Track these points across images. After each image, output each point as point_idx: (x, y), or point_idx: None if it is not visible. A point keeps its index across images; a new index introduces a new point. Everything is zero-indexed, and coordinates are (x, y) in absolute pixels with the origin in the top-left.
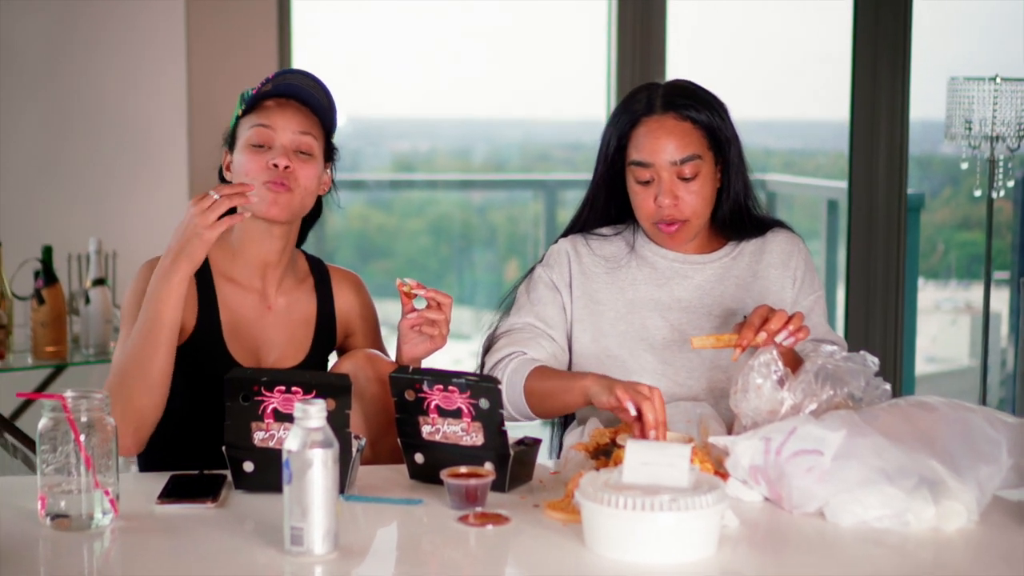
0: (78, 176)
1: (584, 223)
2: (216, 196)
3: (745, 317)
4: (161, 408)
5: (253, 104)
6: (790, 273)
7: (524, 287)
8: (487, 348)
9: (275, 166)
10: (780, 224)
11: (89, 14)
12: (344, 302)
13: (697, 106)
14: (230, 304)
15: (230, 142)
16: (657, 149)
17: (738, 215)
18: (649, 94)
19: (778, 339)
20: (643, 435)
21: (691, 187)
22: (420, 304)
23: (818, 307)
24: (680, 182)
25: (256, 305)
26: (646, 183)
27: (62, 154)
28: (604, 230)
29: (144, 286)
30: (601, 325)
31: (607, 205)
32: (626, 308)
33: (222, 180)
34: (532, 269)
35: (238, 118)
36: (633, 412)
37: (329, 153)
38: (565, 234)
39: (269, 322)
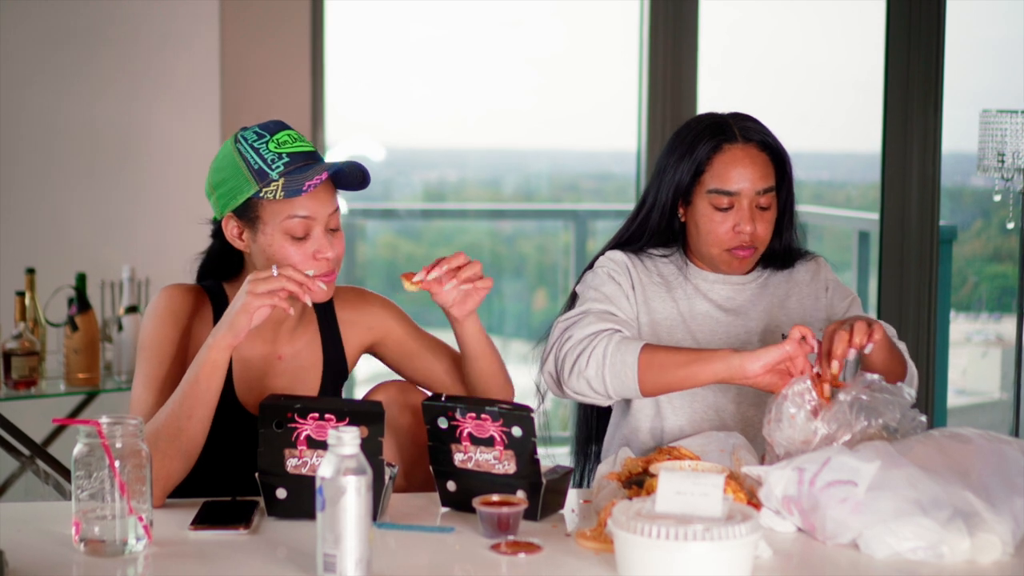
0: (111, 204)
1: (635, 241)
2: (276, 273)
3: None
4: (188, 470)
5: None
6: (820, 285)
7: (585, 287)
8: (563, 330)
9: (326, 259)
10: (807, 253)
11: (124, 45)
12: (350, 328)
13: (774, 138)
14: (242, 353)
15: (239, 212)
16: (742, 177)
17: (783, 251)
18: (721, 122)
19: (866, 350)
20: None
21: (766, 216)
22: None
23: (854, 309)
24: (757, 211)
25: (266, 355)
26: (724, 210)
27: (95, 182)
28: (653, 251)
29: (162, 314)
30: (659, 333)
31: (662, 228)
32: (680, 319)
33: (220, 243)
34: (581, 278)
35: (256, 195)
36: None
37: None
38: (612, 247)
39: (279, 371)
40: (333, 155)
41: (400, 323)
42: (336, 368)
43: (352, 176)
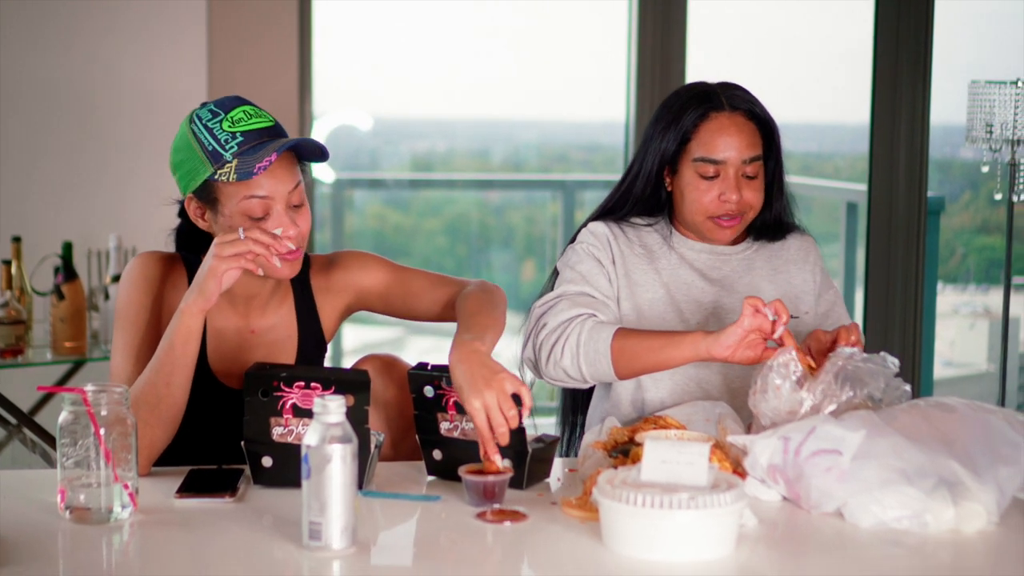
0: (98, 173)
1: (619, 210)
2: (242, 236)
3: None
4: (171, 437)
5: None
6: (809, 268)
7: (564, 265)
8: (538, 316)
9: (288, 238)
10: (797, 228)
11: (110, 14)
12: (323, 296)
13: (762, 107)
14: (215, 325)
15: (199, 193)
16: (729, 145)
17: (774, 222)
18: (709, 91)
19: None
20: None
21: (752, 185)
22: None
23: (839, 300)
24: (743, 180)
25: (239, 329)
26: (710, 178)
27: (82, 151)
28: (637, 220)
29: (136, 281)
30: (640, 306)
31: (647, 197)
32: (663, 290)
33: (187, 222)
34: (563, 253)
35: (212, 177)
36: (771, 316)
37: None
38: (595, 218)
39: (252, 344)
40: (321, 125)
41: (375, 271)
42: (313, 339)
43: (312, 148)
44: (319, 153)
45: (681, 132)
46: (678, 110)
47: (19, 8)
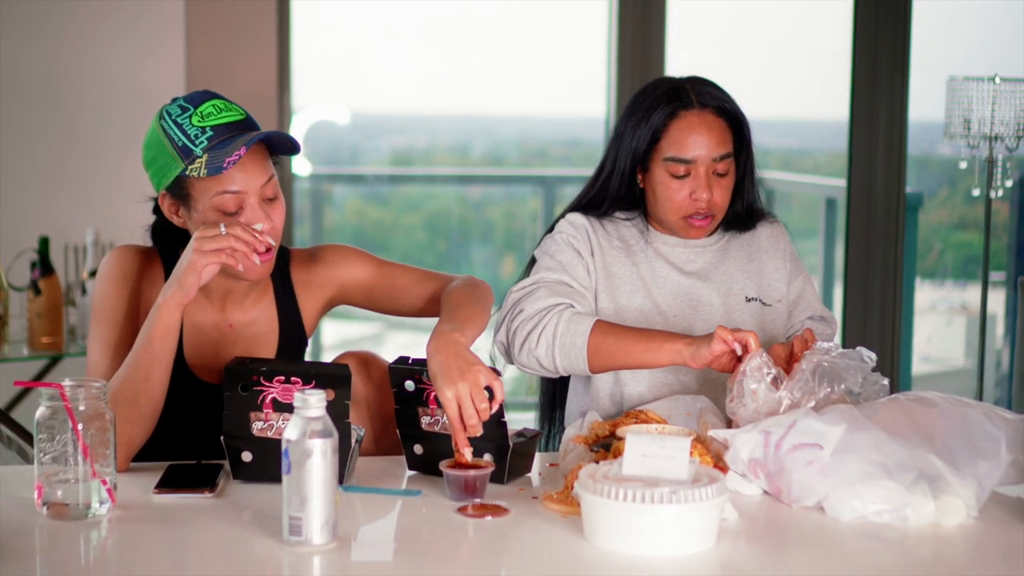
0: (75, 167)
1: (598, 207)
2: (223, 231)
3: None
4: (150, 432)
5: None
6: (780, 255)
7: (542, 253)
8: (515, 302)
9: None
10: (765, 216)
11: (87, 8)
12: (304, 290)
13: (731, 102)
14: (193, 319)
15: (172, 190)
16: (698, 144)
17: (745, 213)
18: (678, 87)
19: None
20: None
21: (723, 183)
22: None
23: (809, 285)
24: (714, 177)
25: (217, 323)
26: (681, 177)
27: (59, 145)
28: (617, 214)
29: (113, 275)
30: (618, 297)
31: (620, 195)
32: (640, 283)
33: (162, 219)
34: (540, 242)
35: (183, 173)
36: (739, 351)
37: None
38: (572, 210)
39: (230, 339)
40: (299, 120)
41: (358, 266)
42: (293, 334)
43: (283, 141)
44: (290, 146)
45: (651, 131)
46: (648, 108)
47: None
